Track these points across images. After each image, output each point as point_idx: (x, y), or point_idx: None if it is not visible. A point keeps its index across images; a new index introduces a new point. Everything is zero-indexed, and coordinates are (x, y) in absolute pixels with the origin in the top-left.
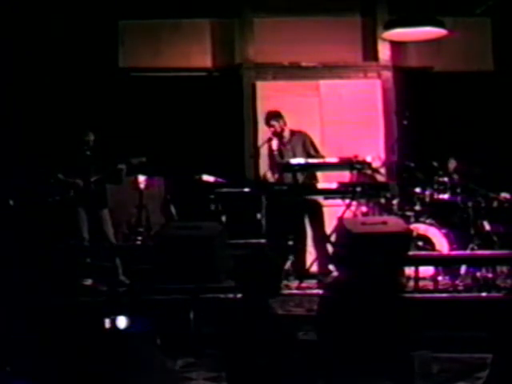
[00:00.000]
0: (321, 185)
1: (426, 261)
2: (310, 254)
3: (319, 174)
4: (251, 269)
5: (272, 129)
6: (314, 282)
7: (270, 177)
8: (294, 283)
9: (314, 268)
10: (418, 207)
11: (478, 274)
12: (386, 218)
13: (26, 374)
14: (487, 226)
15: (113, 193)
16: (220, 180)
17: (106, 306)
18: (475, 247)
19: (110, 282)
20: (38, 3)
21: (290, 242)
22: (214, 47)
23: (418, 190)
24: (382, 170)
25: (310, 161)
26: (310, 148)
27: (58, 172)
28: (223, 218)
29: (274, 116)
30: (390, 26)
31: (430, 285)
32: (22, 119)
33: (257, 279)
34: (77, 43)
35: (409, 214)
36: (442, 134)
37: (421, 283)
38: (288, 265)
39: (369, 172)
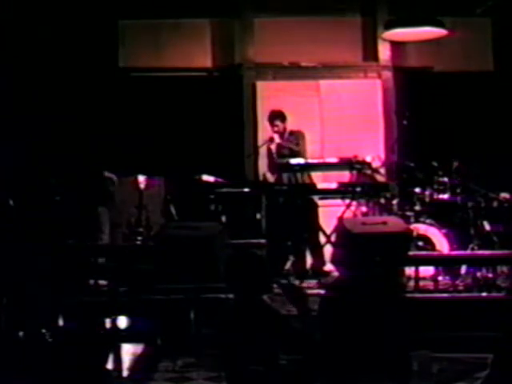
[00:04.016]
0: (321, 185)
1: (426, 261)
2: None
3: (320, 174)
4: (238, 268)
5: (275, 128)
6: (314, 281)
7: (270, 177)
8: (295, 283)
9: None
10: (417, 207)
11: (479, 274)
12: (386, 217)
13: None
14: (487, 226)
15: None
16: (220, 180)
17: (106, 306)
18: (475, 247)
19: (110, 282)
20: (38, 3)
21: (290, 242)
22: (213, 47)
23: (417, 190)
24: (382, 170)
25: (310, 161)
26: (300, 144)
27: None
28: (223, 218)
29: (279, 116)
30: (390, 25)
31: (430, 285)
32: (21, 119)
33: (245, 278)
34: (77, 43)
35: (409, 214)
36: (442, 134)
37: (421, 283)
38: (288, 265)
39: (369, 172)
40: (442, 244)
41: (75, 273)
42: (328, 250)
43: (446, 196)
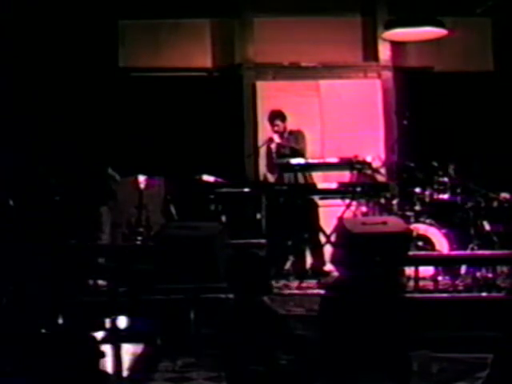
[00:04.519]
0: (321, 185)
1: (426, 261)
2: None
3: (320, 174)
4: (238, 268)
5: (276, 128)
6: (314, 281)
7: (270, 177)
8: (294, 283)
9: None
10: (418, 207)
11: (478, 274)
12: (385, 217)
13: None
14: (487, 226)
15: None
16: (220, 180)
17: (105, 306)
18: (475, 247)
19: (110, 282)
20: (38, 3)
21: (290, 242)
22: (213, 47)
23: (417, 190)
24: (382, 170)
25: (310, 161)
26: (301, 143)
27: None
28: (223, 218)
29: (279, 116)
30: (390, 25)
31: (430, 285)
32: (21, 119)
33: (245, 278)
34: (77, 43)
35: (409, 214)
36: (442, 134)
37: (421, 283)
38: (288, 265)
39: (369, 172)
40: (441, 244)
41: (75, 273)
42: (328, 250)
43: (446, 196)
